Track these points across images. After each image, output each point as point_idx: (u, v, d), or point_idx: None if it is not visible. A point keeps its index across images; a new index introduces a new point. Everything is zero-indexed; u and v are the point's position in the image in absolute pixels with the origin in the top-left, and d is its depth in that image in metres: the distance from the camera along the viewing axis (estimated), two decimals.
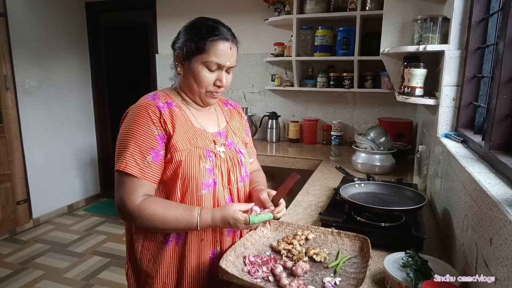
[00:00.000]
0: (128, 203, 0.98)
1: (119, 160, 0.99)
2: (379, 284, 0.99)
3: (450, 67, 1.49)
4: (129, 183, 0.98)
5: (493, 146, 1.04)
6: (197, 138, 1.07)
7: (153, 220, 0.98)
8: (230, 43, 1.04)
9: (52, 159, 3.75)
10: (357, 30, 2.67)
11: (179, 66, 1.07)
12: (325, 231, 1.18)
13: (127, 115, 1.05)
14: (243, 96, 3.41)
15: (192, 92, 1.09)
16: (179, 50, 1.05)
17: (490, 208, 0.78)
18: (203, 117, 1.14)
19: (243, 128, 1.27)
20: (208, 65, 1.03)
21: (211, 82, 1.05)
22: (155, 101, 1.04)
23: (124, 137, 1.00)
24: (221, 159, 1.09)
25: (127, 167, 0.97)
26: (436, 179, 1.54)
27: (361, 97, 3.02)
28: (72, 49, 3.90)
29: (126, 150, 0.98)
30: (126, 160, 0.98)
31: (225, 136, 1.16)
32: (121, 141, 1.01)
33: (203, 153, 1.06)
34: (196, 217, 0.98)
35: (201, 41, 1.01)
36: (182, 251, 1.07)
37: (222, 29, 1.04)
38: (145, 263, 1.09)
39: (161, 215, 0.98)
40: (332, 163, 2.40)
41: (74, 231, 3.52)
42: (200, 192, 1.04)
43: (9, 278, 2.69)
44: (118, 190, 1.00)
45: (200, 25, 1.03)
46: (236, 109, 1.29)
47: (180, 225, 0.99)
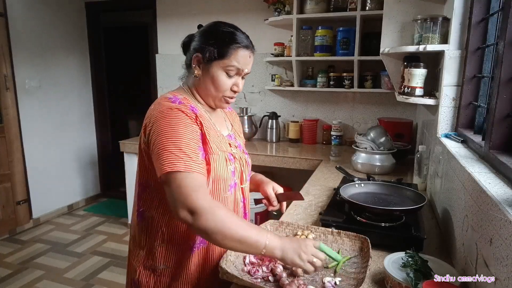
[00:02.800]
0: (196, 199, 0.89)
1: (167, 161, 0.91)
2: (379, 284, 0.99)
3: (450, 67, 1.49)
4: (193, 181, 0.91)
5: (493, 146, 1.04)
6: (220, 141, 1.09)
7: (223, 225, 0.89)
8: (250, 52, 1.06)
9: (52, 159, 3.75)
10: (357, 30, 2.67)
11: (196, 68, 1.06)
12: (325, 231, 1.18)
13: (162, 117, 0.97)
14: (243, 96, 3.41)
15: (207, 95, 1.09)
16: (199, 53, 1.04)
17: (490, 208, 0.78)
18: (217, 120, 1.15)
19: (241, 130, 1.32)
20: (228, 70, 1.04)
21: (228, 87, 1.07)
22: (185, 104, 1.01)
23: (170, 139, 0.94)
24: (237, 160, 1.13)
25: (187, 167, 0.91)
26: (436, 179, 1.54)
27: (361, 97, 3.02)
28: (72, 49, 3.90)
29: (177, 151, 0.92)
30: (184, 161, 0.92)
31: (234, 139, 1.20)
32: (166, 143, 0.93)
33: (227, 156, 1.08)
34: (264, 239, 0.92)
35: (224, 47, 1.02)
36: (206, 255, 1.08)
37: (242, 36, 1.06)
38: (170, 266, 1.06)
39: (232, 222, 0.91)
40: (332, 163, 2.39)
41: (74, 231, 3.52)
42: (226, 193, 1.07)
43: (9, 278, 2.69)
44: (179, 191, 0.90)
45: (221, 31, 1.05)
46: (234, 112, 1.34)
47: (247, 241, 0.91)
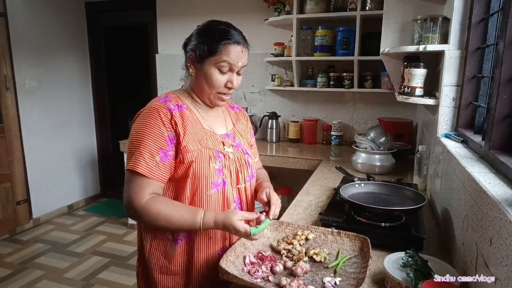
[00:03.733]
0: (135, 201, 1.00)
1: (130, 159, 1.02)
2: (379, 284, 0.99)
3: (450, 67, 1.49)
4: (137, 182, 1.01)
5: (493, 146, 1.04)
6: (207, 139, 1.10)
7: (159, 218, 1.00)
8: (241, 47, 1.07)
9: (52, 159, 3.75)
10: (357, 30, 2.66)
11: (191, 67, 1.10)
12: (325, 231, 1.18)
13: (138, 117, 1.08)
14: (243, 96, 3.41)
15: (202, 93, 1.12)
16: (192, 52, 1.08)
17: (490, 208, 0.78)
18: (212, 119, 1.17)
19: (248, 130, 1.31)
20: (220, 67, 1.05)
21: (222, 84, 1.08)
22: (166, 104, 1.07)
23: (135, 137, 1.04)
24: (230, 159, 1.13)
25: (135, 166, 1.00)
26: (436, 179, 1.54)
27: (361, 97, 3.02)
28: (72, 49, 3.90)
29: (136, 150, 1.02)
30: (135, 159, 1.01)
31: (233, 138, 1.20)
32: (131, 141, 1.04)
33: (213, 153, 1.09)
34: (199, 220, 1.00)
35: (214, 44, 1.04)
36: (191, 249, 1.09)
37: (234, 32, 1.07)
38: (154, 261, 1.11)
39: (166, 214, 1.00)
40: (332, 163, 2.39)
41: (74, 231, 3.52)
42: (209, 191, 1.07)
43: (9, 278, 2.69)
44: (127, 188, 1.03)
45: (213, 29, 1.06)
46: (242, 112, 1.34)
47: (184, 226, 1.02)
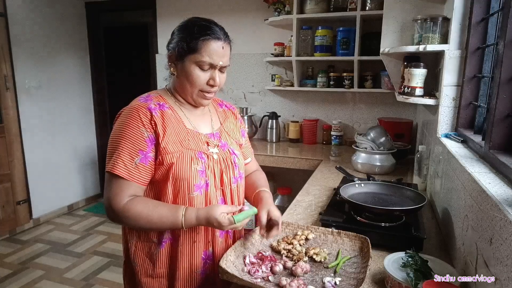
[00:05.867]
0: (114, 203, 0.98)
1: (109, 161, 1.00)
2: (379, 284, 0.99)
3: (450, 67, 1.49)
4: (116, 184, 0.99)
5: (493, 146, 1.04)
6: (189, 139, 1.06)
7: (139, 219, 0.98)
8: (222, 42, 1.03)
9: (52, 159, 3.74)
10: (357, 30, 2.67)
11: (172, 66, 1.07)
12: (325, 231, 1.18)
13: (119, 117, 1.05)
14: (243, 96, 3.41)
15: (185, 92, 1.08)
16: (172, 51, 1.05)
17: (490, 208, 0.78)
18: (196, 118, 1.13)
19: (238, 129, 1.25)
20: (201, 64, 1.02)
21: (204, 82, 1.04)
22: (147, 103, 1.04)
23: (114, 139, 1.01)
24: (214, 160, 1.09)
25: (114, 168, 0.98)
26: (436, 179, 1.54)
27: (361, 97, 3.02)
28: (72, 49, 3.90)
29: (115, 152, 0.99)
30: (114, 161, 0.98)
31: (219, 137, 1.15)
32: (111, 142, 1.02)
33: (195, 154, 1.05)
34: (180, 217, 0.98)
35: (193, 40, 1.00)
36: (175, 253, 1.07)
37: (214, 28, 1.03)
38: (139, 263, 1.10)
39: (146, 215, 0.98)
40: (332, 163, 2.39)
41: (74, 231, 3.51)
42: (191, 193, 1.04)
43: (9, 278, 2.69)
44: (106, 190, 1.01)
45: (192, 25, 1.03)
46: (231, 110, 1.28)
47: (165, 224, 1.00)
